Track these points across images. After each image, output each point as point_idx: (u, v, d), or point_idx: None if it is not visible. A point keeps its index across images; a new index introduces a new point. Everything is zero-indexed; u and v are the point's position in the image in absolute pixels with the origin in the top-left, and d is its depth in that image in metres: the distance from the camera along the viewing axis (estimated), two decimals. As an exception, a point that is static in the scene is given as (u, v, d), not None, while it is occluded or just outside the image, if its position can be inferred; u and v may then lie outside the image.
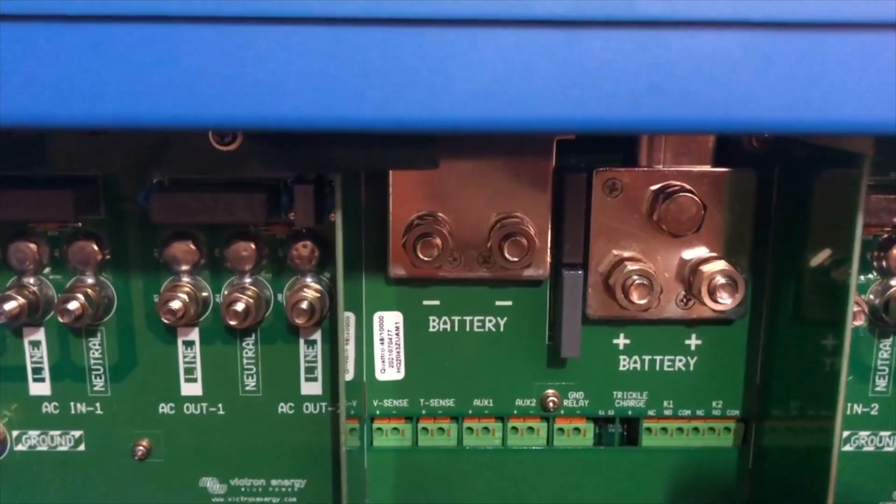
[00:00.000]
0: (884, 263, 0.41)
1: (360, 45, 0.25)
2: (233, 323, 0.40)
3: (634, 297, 0.39)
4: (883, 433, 0.43)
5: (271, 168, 0.33)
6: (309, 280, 0.41)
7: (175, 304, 0.40)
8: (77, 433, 0.43)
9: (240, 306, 0.40)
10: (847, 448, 0.43)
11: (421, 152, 0.30)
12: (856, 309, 0.40)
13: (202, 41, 0.25)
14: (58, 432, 0.43)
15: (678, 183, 0.39)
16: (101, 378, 0.42)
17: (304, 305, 0.40)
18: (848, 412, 0.43)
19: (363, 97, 0.26)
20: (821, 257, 0.39)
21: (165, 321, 0.40)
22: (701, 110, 0.26)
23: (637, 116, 0.26)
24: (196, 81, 0.26)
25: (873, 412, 0.43)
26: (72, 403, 0.43)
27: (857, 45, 0.26)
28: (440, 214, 0.40)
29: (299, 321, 0.40)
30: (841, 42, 0.26)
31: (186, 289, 0.41)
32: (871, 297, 0.42)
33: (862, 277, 0.41)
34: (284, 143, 0.29)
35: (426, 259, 0.38)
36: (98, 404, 0.43)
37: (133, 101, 0.25)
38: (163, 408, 0.43)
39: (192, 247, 0.40)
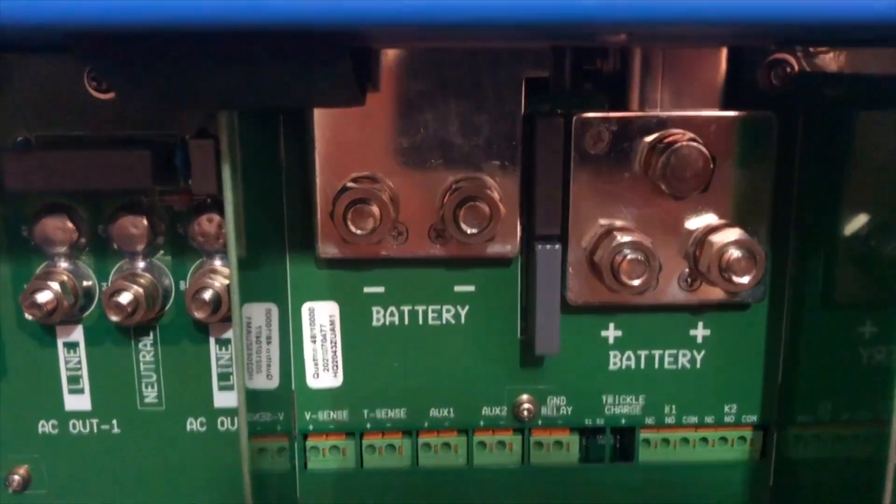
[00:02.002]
0: (934, 231, 0.33)
1: None
2: (116, 319, 0.31)
3: (626, 276, 0.31)
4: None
5: (130, 100, 0.24)
6: (218, 263, 0.33)
7: (43, 296, 0.31)
8: (-64, 460, 0.35)
9: (125, 297, 0.31)
10: None
11: (329, 75, 0.21)
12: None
13: None
14: (-88, 460, 0.35)
15: (679, 131, 0.31)
16: (-37, 391, 0.34)
17: (207, 295, 0.31)
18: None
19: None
20: (859, 222, 0.32)
21: (30, 317, 0.31)
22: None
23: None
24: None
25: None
26: (-73, 423, 0.34)
27: None
28: (380, 176, 0.31)
29: (199, 315, 0.31)
30: None
31: (62, 276, 0.32)
32: (918, 272, 0.34)
33: (906, 248, 0.34)
34: (125, 64, 0.20)
35: (360, 233, 0.30)
36: (-39, 424, 0.35)
37: None
38: (43, 426, 0.35)
39: (69, 223, 0.32)
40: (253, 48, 0.21)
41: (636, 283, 0.31)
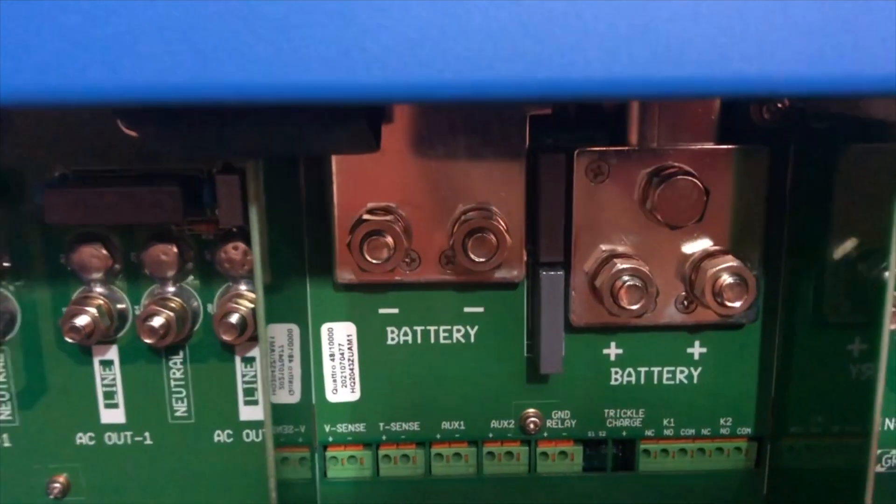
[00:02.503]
0: (920, 254, 0.35)
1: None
2: (149, 341, 0.34)
3: (625, 301, 0.32)
4: (919, 451, 0.38)
5: (163, 152, 0.26)
6: (243, 288, 0.35)
7: (81, 321, 0.34)
8: (-17, 469, 0.37)
9: (157, 321, 0.34)
10: (878, 469, 0.38)
11: (346, 131, 0.23)
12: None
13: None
14: (-39, 468, 0.37)
15: (676, 164, 0.33)
16: (7, 405, 0.37)
17: (234, 319, 0.34)
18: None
19: (250, 56, 0.20)
20: (846, 248, 0.33)
21: (70, 340, 0.34)
22: (696, 67, 0.20)
23: (615, 76, 0.20)
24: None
25: (908, 427, 0.37)
26: (-25, 435, 0.37)
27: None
28: (394, 207, 0.33)
29: (227, 337, 0.34)
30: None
31: (98, 301, 0.35)
32: (906, 294, 0.36)
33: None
34: (158, 124, 0.22)
35: (375, 262, 0.32)
36: (6, 435, 0.37)
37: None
38: (80, 438, 0.37)
39: (104, 251, 0.34)
40: (277, 113, 0.23)
41: (634, 307, 0.33)
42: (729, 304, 0.33)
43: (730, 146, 0.33)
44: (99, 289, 0.35)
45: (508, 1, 0.20)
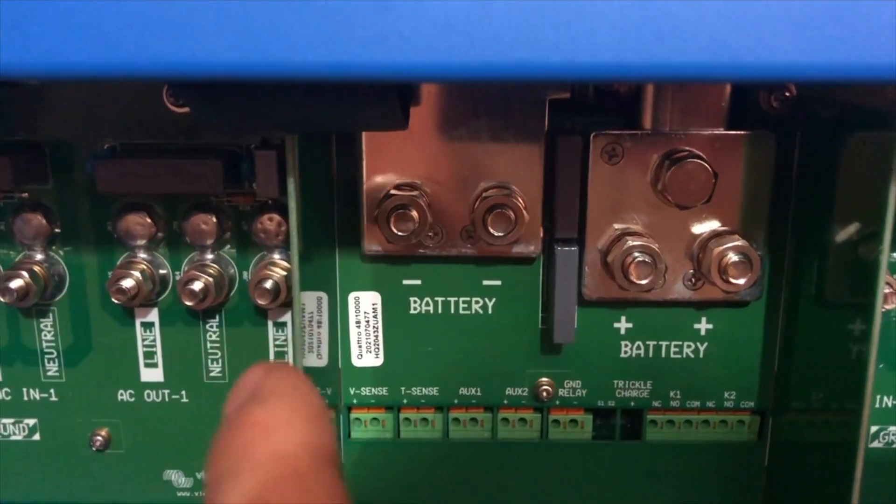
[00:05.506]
0: (921, 238, 0.36)
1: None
2: (189, 304, 0.36)
3: (634, 276, 0.34)
4: (916, 428, 0.39)
5: (208, 125, 0.29)
6: (277, 257, 0.37)
7: (126, 283, 0.36)
8: (31, 421, 0.40)
9: (197, 285, 0.36)
10: (875, 444, 0.40)
11: (378, 108, 0.25)
12: (888, 290, 0.35)
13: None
14: (10, 420, 0.40)
15: (686, 148, 0.35)
16: (55, 362, 0.39)
17: (268, 285, 0.36)
18: (877, 405, 0.39)
19: (298, 38, 0.22)
20: (848, 231, 0.35)
21: (116, 301, 0.36)
22: (706, 54, 0.22)
23: (632, 61, 0.22)
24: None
25: (905, 405, 0.39)
26: (24, 389, 0.39)
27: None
28: (420, 183, 0.35)
29: (262, 302, 0.36)
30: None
31: (142, 266, 0.37)
32: (906, 276, 0.37)
33: (895, 255, 0.37)
34: (207, 97, 0.25)
35: (401, 234, 0.34)
36: (52, 390, 0.40)
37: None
38: (122, 395, 0.40)
39: (148, 219, 0.37)
40: (317, 91, 0.25)
41: (643, 282, 0.35)
42: (733, 280, 0.34)
43: (739, 132, 0.35)
44: (142, 255, 0.37)
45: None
